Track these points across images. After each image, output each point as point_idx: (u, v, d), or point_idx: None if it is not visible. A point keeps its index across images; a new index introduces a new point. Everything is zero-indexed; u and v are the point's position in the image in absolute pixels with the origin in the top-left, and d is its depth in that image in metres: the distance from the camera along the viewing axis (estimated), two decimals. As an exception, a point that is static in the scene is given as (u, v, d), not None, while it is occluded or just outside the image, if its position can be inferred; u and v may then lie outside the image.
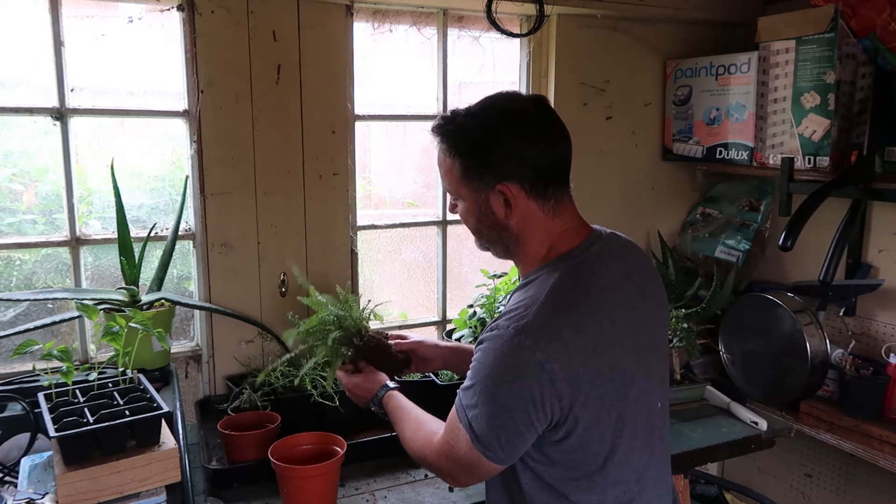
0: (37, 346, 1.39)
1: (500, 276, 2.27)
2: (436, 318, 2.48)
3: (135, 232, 1.93)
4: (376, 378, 1.53)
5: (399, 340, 1.65)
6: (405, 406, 1.43)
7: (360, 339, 1.59)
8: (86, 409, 1.29)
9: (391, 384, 1.51)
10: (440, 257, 2.42)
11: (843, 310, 2.31)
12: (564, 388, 1.12)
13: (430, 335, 2.47)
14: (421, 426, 1.35)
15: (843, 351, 2.20)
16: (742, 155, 2.35)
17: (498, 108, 1.24)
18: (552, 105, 1.28)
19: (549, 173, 1.22)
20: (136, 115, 2.01)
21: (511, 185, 1.21)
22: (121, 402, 1.34)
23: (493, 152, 1.20)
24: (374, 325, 1.70)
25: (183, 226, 1.99)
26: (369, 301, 1.72)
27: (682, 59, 2.53)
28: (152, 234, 1.97)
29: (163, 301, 1.89)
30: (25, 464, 1.47)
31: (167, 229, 1.99)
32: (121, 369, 1.46)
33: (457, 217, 1.32)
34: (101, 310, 1.63)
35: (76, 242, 1.94)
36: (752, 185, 2.58)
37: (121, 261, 1.85)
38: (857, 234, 2.29)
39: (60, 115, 1.87)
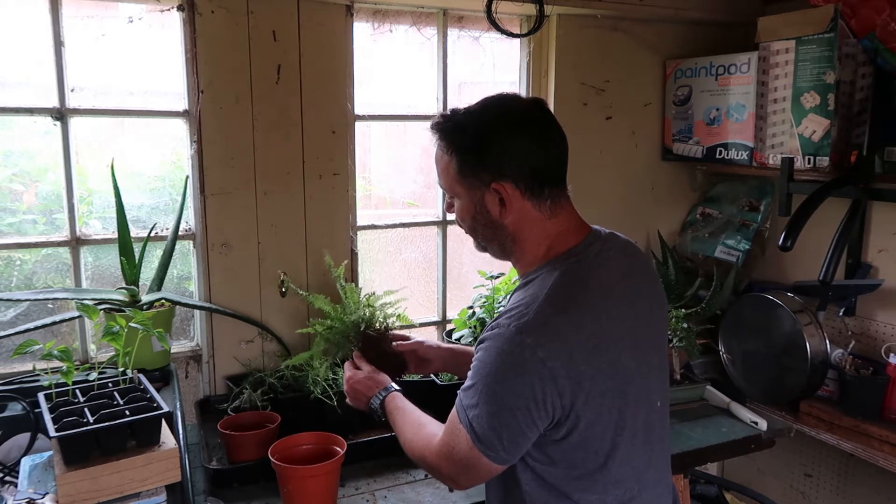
0: (37, 346, 1.39)
1: (498, 277, 2.27)
2: (436, 319, 2.48)
3: (135, 232, 1.93)
4: (379, 378, 1.52)
5: (401, 341, 1.65)
6: (406, 408, 1.43)
7: (362, 334, 1.60)
8: (86, 409, 1.30)
9: (394, 386, 1.50)
10: (440, 257, 2.42)
11: (842, 310, 2.30)
12: (566, 386, 1.12)
13: (431, 335, 2.47)
14: (421, 428, 1.34)
15: (843, 351, 2.20)
16: (742, 155, 2.34)
17: (497, 107, 1.25)
18: (552, 105, 1.29)
19: (545, 174, 1.22)
20: (136, 116, 2.01)
21: (506, 184, 1.21)
22: (121, 402, 1.34)
23: (489, 150, 1.21)
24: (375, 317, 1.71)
25: (183, 226, 1.99)
26: (373, 293, 1.73)
27: (682, 59, 2.53)
28: (152, 234, 1.97)
29: (163, 301, 1.89)
30: (25, 464, 1.47)
31: (167, 229, 1.99)
32: (121, 369, 1.47)
33: (457, 216, 1.32)
34: (101, 310, 1.64)
35: (76, 242, 1.94)
36: (752, 185, 2.58)
37: (121, 261, 1.85)
38: (856, 234, 2.28)
39: (61, 115, 1.87)
